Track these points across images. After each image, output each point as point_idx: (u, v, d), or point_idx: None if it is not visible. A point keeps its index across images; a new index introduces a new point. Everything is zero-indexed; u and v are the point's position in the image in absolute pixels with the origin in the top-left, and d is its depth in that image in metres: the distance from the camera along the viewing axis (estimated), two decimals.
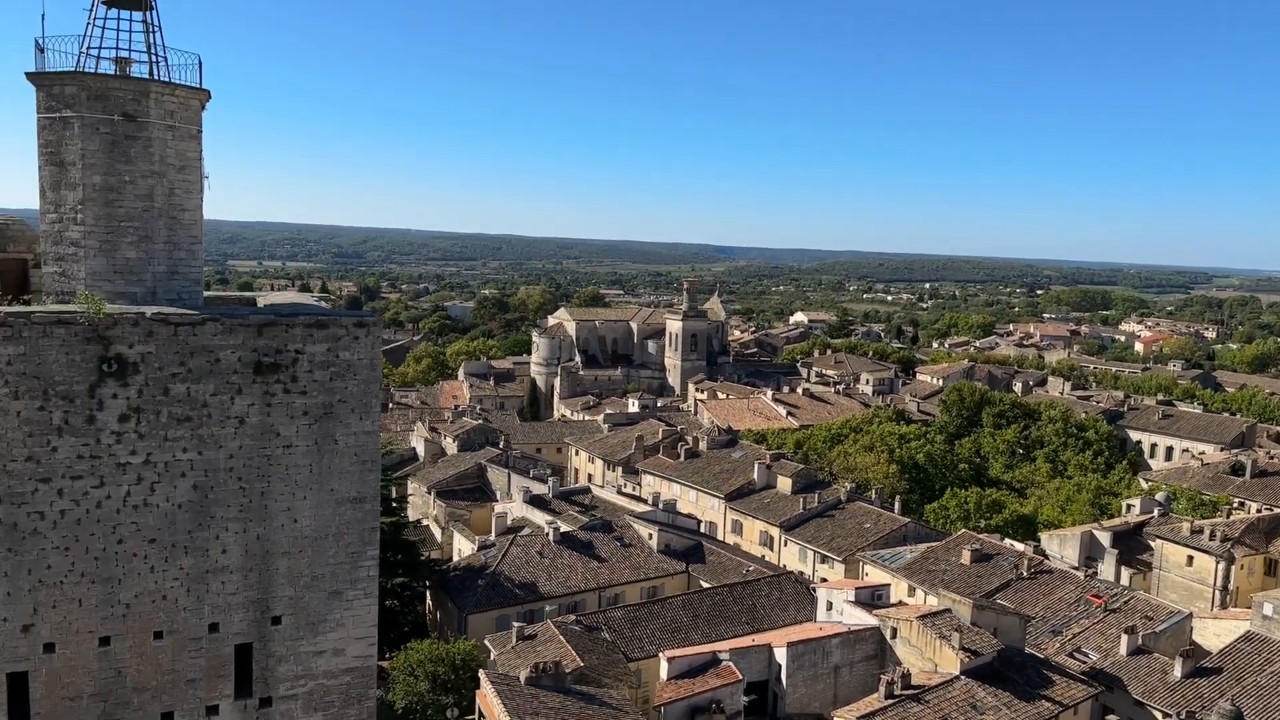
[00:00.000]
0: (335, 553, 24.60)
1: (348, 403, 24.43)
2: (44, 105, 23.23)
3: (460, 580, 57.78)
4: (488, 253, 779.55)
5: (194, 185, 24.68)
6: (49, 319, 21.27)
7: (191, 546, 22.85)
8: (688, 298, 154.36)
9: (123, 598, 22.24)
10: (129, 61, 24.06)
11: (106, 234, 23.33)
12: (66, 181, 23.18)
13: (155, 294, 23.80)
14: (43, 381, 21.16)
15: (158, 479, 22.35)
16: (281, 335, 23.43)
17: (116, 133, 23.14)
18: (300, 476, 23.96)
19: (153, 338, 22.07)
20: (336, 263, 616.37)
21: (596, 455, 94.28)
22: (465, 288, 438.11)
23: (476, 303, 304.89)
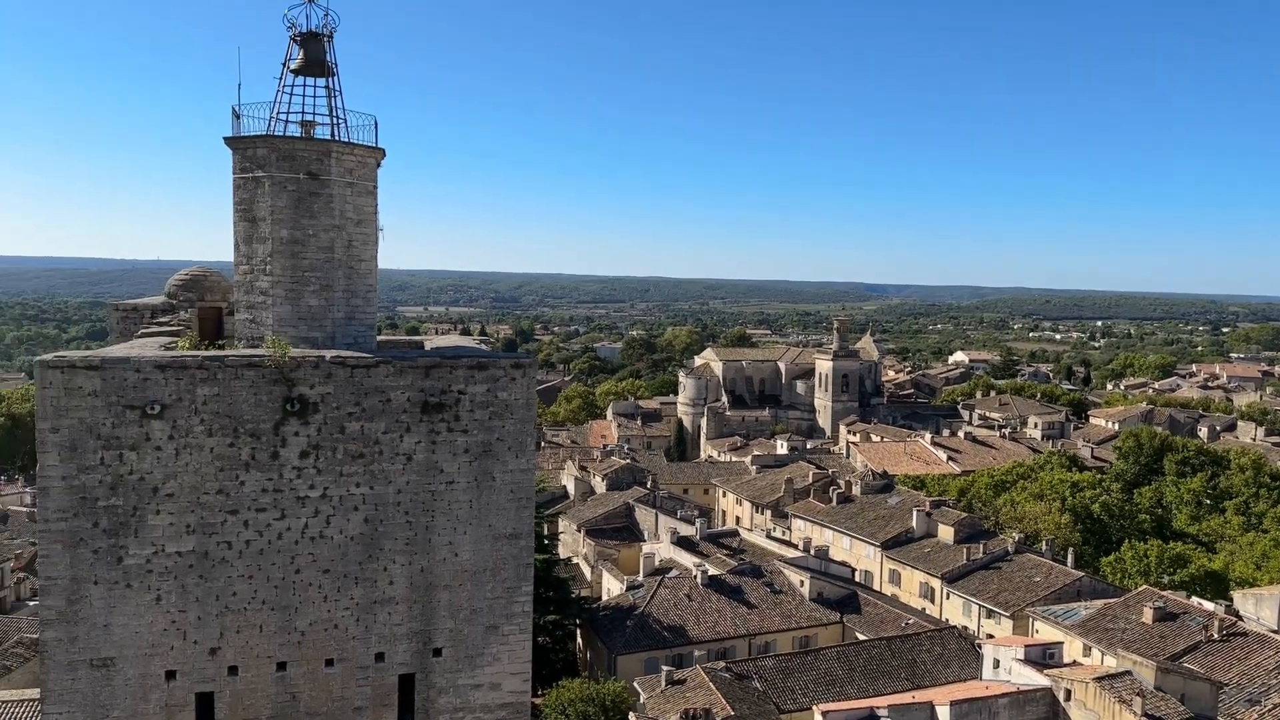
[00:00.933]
0: (492, 587, 25.25)
1: (505, 441, 25.21)
2: (239, 166, 25.43)
3: (610, 620, 58.06)
4: (635, 294, 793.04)
5: (370, 237, 26.33)
6: (240, 362, 23.06)
7: (362, 577, 24.01)
8: (838, 337, 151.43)
9: (299, 625, 23.57)
10: (313, 124, 26.04)
11: (292, 283, 25.14)
12: (257, 236, 25.19)
13: (334, 338, 25.41)
14: (234, 420, 22.89)
15: (333, 512, 23.67)
16: (446, 376, 24.50)
17: (302, 190, 25.02)
18: (461, 512, 24.82)
19: (331, 379, 23.54)
20: (495, 307, 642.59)
21: (744, 497, 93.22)
22: (614, 329, 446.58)
23: (625, 343, 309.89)
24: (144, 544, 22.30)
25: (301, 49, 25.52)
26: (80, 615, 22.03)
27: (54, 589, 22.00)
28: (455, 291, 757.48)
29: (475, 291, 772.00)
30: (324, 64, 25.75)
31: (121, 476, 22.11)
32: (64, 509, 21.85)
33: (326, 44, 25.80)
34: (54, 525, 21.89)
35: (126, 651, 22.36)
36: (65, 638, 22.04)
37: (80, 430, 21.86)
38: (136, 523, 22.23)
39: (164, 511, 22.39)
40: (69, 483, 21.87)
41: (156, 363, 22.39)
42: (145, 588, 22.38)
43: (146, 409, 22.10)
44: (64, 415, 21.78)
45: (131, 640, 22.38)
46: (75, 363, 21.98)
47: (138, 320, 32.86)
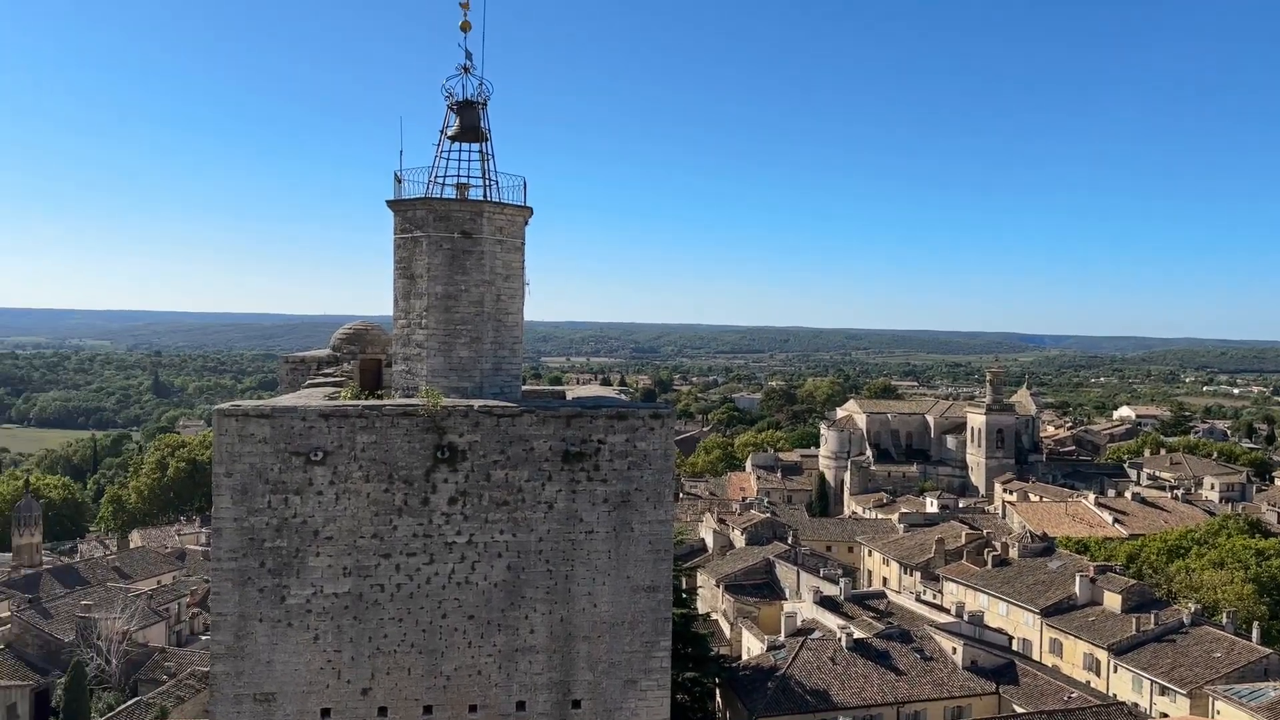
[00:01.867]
0: (630, 640, 25.13)
1: (643, 491, 25.27)
2: (399, 227, 26.97)
3: (750, 681, 56.63)
4: (775, 345, 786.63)
5: (517, 291, 27.30)
6: (396, 411, 24.18)
7: (504, 624, 24.41)
8: (991, 389, 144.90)
9: (444, 669, 24.13)
10: (467, 186, 27.40)
11: (445, 336, 26.30)
12: (415, 292, 26.54)
13: (482, 388, 26.32)
14: (389, 466, 23.95)
15: (478, 558, 24.27)
16: (586, 426, 24.89)
17: (456, 248, 26.26)
18: (600, 562, 24.94)
19: (479, 428, 24.33)
20: (634, 357, 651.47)
21: (891, 557, 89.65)
22: (753, 379, 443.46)
23: (764, 394, 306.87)
24: (305, 584, 23.48)
25: (458, 117, 27.00)
26: (246, 651, 23.32)
27: (224, 624, 23.42)
28: (596, 342, 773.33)
29: (615, 342, 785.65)
30: (478, 130, 27.14)
31: (286, 519, 23.44)
32: (235, 549, 23.32)
33: (481, 111, 27.21)
34: (225, 564, 23.38)
35: (286, 688, 23.46)
36: (232, 672, 23.34)
37: (251, 475, 23.37)
38: (298, 564, 23.46)
39: (323, 554, 23.55)
40: (239, 524, 23.36)
41: (321, 411, 23.76)
42: (305, 627, 23.50)
43: (311, 455, 23.44)
44: (237, 460, 23.35)
45: (291, 677, 23.48)
46: (248, 411, 23.60)
47: (305, 371, 35.09)
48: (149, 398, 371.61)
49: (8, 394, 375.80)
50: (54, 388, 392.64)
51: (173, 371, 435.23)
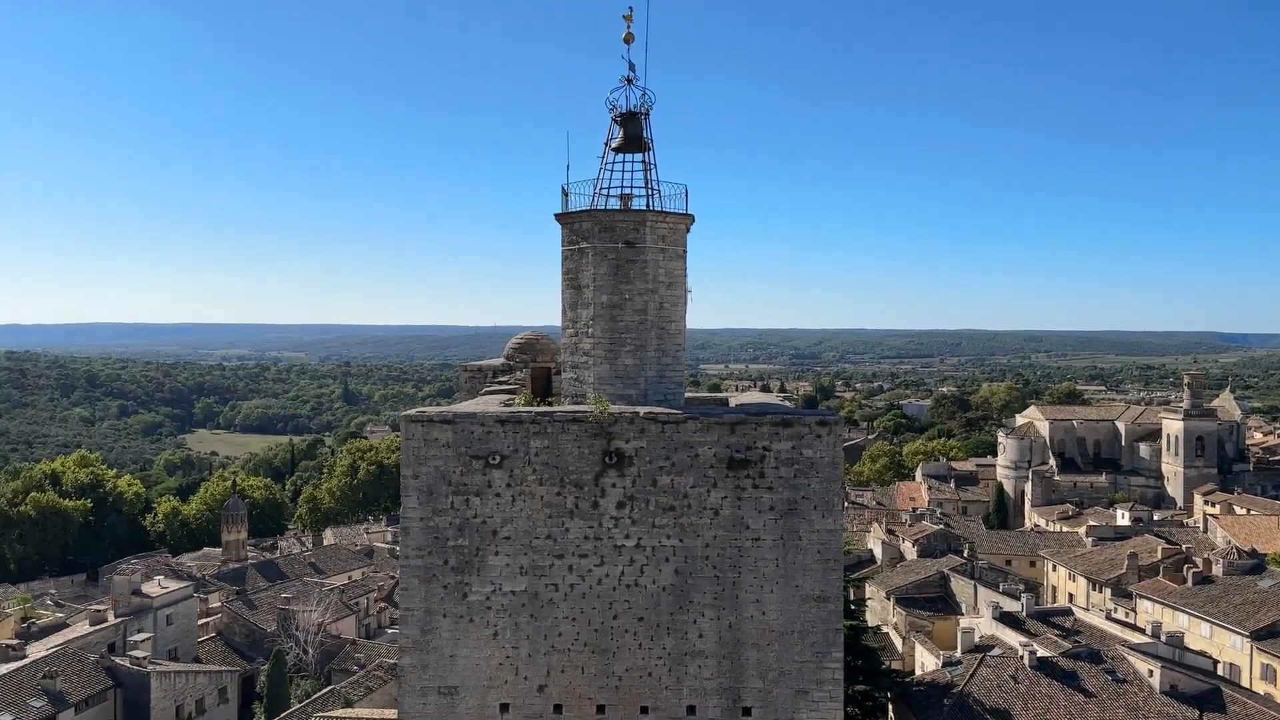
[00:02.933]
0: (801, 650, 24.82)
1: (811, 500, 24.93)
2: (566, 239, 27.85)
3: (924, 697, 54.58)
4: (945, 349, 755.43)
5: (680, 299, 27.60)
6: (566, 417, 24.97)
7: (673, 628, 24.68)
8: (1190, 393, 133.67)
9: (616, 670, 24.65)
10: (630, 196, 27.96)
11: (610, 344, 26.92)
12: (581, 302, 27.33)
13: (647, 395, 26.75)
14: (560, 470, 24.76)
15: (646, 562, 24.67)
16: (751, 433, 24.83)
17: (620, 258, 26.85)
18: (767, 570, 24.78)
19: (644, 434, 24.76)
20: (794, 363, 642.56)
21: (1078, 573, 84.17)
22: (921, 385, 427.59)
23: (934, 400, 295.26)
24: (485, 582, 24.61)
25: (621, 128, 27.63)
26: (431, 645, 24.66)
27: (411, 619, 24.86)
28: (755, 349, 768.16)
29: (774, 348, 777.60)
30: (641, 140, 27.66)
31: (467, 520, 24.66)
32: (421, 547, 24.73)
33: (644, 121, 27.73)
34: (412, 561, 24.82)
35: (468, 682, 24.64)
36: (419, 665, 24.73)
37: (435, 477, 24.74)
38: (479, 562, 24.62)
39: (502, 553, 24.61)
40: (425, 524, 24.76)
41: (498, 417, 24.87)
42: (485, 623, 24.62)
43: (489, 459, 24.56)
44: (423, 463, 24.77)
45: (473, 671, 24.64)
46: (432, 417, 25.00)
47: (482, 379, 36.76)
48: (339, 405, 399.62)
49: (216, 402, 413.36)
50: (256, 396, 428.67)
51: (360, 380, 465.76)
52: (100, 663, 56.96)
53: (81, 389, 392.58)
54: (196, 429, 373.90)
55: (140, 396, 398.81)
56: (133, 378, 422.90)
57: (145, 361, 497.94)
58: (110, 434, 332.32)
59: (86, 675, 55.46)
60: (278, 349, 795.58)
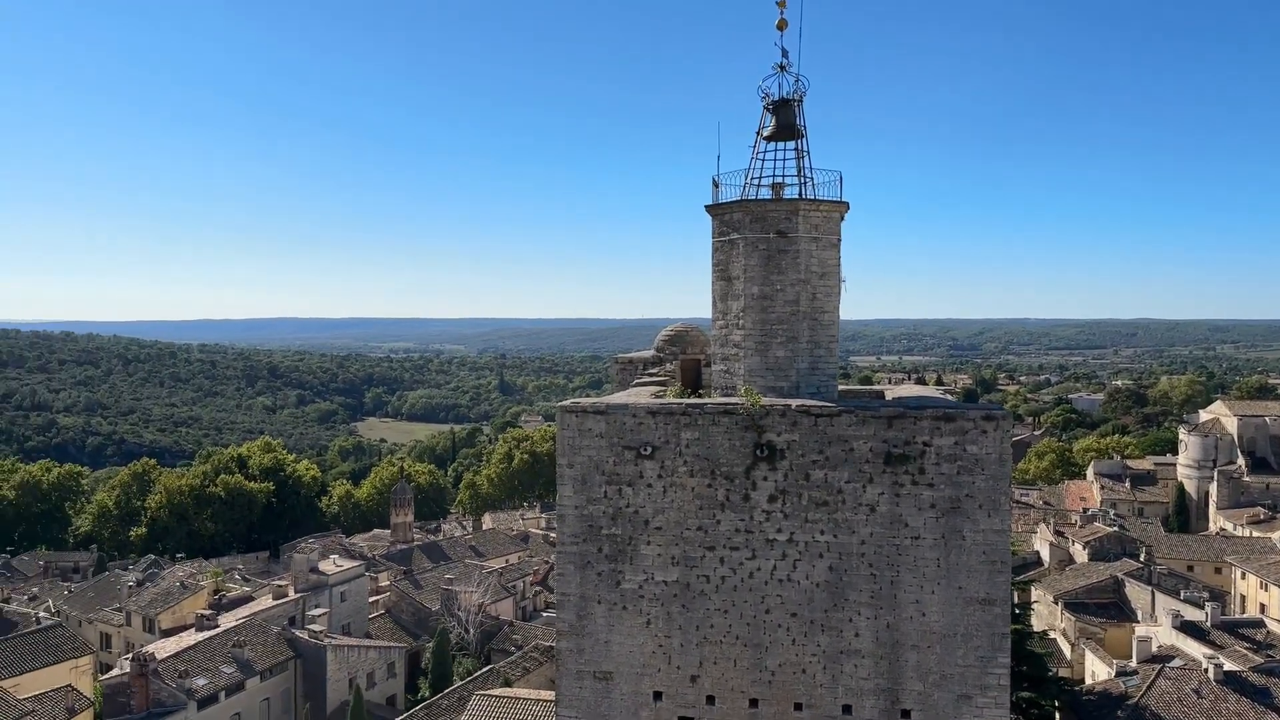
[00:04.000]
0: (964, 654, 23.80)
1: (975, 498, 23.82)
2: (717, 231, 27.66)
3: (1096, 708, 51.40)
4: (1119, 339, 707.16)
5: (833, 289, 26.92)
6: (717, 409, 24.84)
7: (828, 625, 24.18)
8: None
9: (769, 664, 24.39)
10: (782, 185, 27.47)
11: (761, 336, 26.58)
12: (731, 293, 27.10)
13: (799, 388, 26.27)
14: (711, 462, 24.67)
15: (799, 557, 24.26)
16: (910, 427, 23.93)
17: (771, 248, 26.44)
18: (928, 570, 23.87)
19: (797, 427, 24.31)
20: (952, 355, 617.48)
21: (1272, 581, 76.98)
22: (1093, 378, 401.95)
23: (1107, 395, 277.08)
24: (637, 571, 24.87)
25: (773, 116, 27.17)
26: (586, 630, 25.16)
27: (567, 604, 25.43)
28: (909, 340, 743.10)
29: (930, 340, 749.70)
30: (794, 127, 27.12)
31: (620, 509, 24.97)
32: (576, 534, 25.25)
33: (796, 108, 27.17)
34: (568, 548, 25.38)
35: (622, 668, 24.99)
36: (575, 649, 25.29)
37: (589, 466, 25.17)
38: (632, 551, 24.90)
39: (654, 543, 24.79)
40: (580, 512, 25.25)
41: (649, 409, 25.03)
42: (638, 611, 24.88)
43: (641, 450, 24.77)
44: (577, 453, 25.26)
45: (626, 658, 24.97)
46: (586, 408, 25.43)
47: (633, 371, 37.16)
48: (496, 395, 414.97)
49: (384, 392, 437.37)
50: (420, 387, 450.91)
51: (515, 372, 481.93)
52: (282, 634, 61.40)
53: (264, 379, 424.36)
54: (367, 417, 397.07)
55: (316, 386, 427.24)
56: (310, 369, 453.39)
57: (321, 354, 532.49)
58: (290, 421, 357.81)
59: (270, 645, 59.93)
60: (440, 342, 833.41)
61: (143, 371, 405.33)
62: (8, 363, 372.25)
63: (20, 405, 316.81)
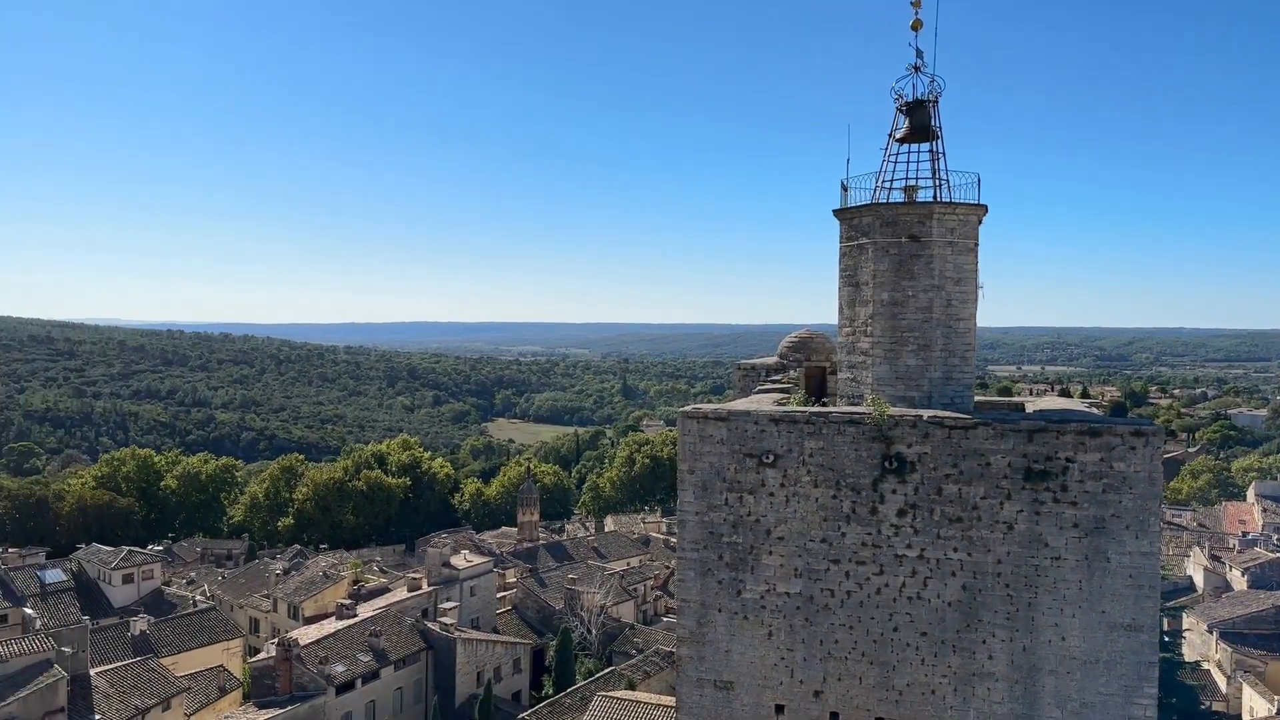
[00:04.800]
0: (1106, 682, 22.43)
1: (1121, 518, 22.42)
2: (845, 235, 27.05)
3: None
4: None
5: (969, 296, 25.88)
6: (842, 418, 24.26)
7: (959, 646, 23.23)
8: None
9: (896, 684, 23.62)
10: (915, 188, 26.62)
11: (891, 344, 25.81)
12: (859, 299, 26.44)
13: (931, 398, 25.37)
14: (836, 473, 24.11)
15: (930, 574, 23.40)
16: (1052, 442, 22.75)
17: (903, 253, 25.65)
18: (1069, 592, 22.62)
19: (928, 439, 23.47)
20: (1098, 366, 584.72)
21: None
22: (1255, 393, 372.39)
23: (1270, 411, 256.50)
24: (759, 581, 24.56)
25: (907, 117, 26.38)
26: (707, 638, 25.01)
27: (687, 610, 25.36)
28: (1052, 349, 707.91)
29: (1075, 349, 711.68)
30: (928, 129, 26.25)
31: (741, 517, 24.73)
32: (696, 541, 25.15)
33: (931, 109, 26.30)
34: (689, 554, 25.31)
35: (743, 678, 24.72)
36: (695, 656, 25.18)
37: (710, 473, 25.04)
38: (753, 560, 24.61)
39: (775, 553, 24.42)
40: (700, 518, 25.14)
41: (771, 416, 24.69)
42: (759, 622, 24.56)
43: (762, 458, 24.46)
44: (698, 459, 25.17)
45: (747, 669, 24.68)
46: (708, 414, 25.31)
47: (755, 378, 36.77)
48: (619, 399, 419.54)
49: (513, 394, 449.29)
50: (546, 389, 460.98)
51: (638, 376, 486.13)
52: (415, 626, 63.80)
53: (403, 380, 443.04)
54: (496, 418, 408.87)
55: (450, 387, 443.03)
56: (444, 371, 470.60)
57: (455, 356, 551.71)
58: (426, 420, 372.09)
59: (404, 636, 62.36)
60: (566, 345, 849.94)
61: (293, 371, 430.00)
62: (173, 361, 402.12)
63: (183, 401, 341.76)
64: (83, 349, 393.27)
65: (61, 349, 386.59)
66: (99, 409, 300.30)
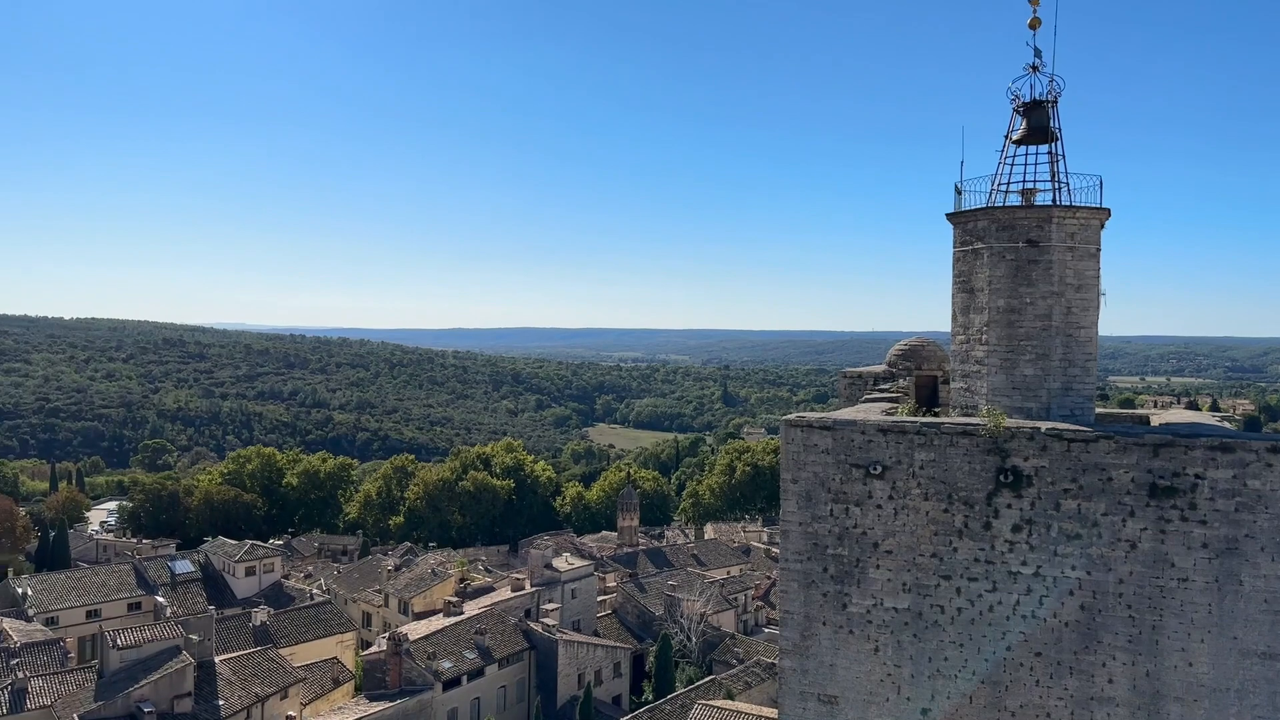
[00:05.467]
0: (1238, 712, 21.18)
1: (1256, 539, 21.14)
2: (959, 240, 26.35)
3: None
4: None
5: (1090, 303, 24.85)
6: (955, 429, 23.60)
7: (1077, 668, 22.28)
8: None
9: (1009, 705, 22.82)
10: (1034, 191, 25.73)
11: (1007, 353, 24.99)
12: (974, 306, 25.70)
13: (1049, 409, 24.44)
14: (947, 486, 23.47)
15: (1046, 593, 22.53)
16: (1180, 457, 21.62)
17: (1020, 258, 24.82)
18: (1197, 616, 21.43)
19: (1046, 452, 22.61)
20: (1230, 378, 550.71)
21: None
22: None
23: None
24: (865, 595, 24.10)
25: (1024, 119, 25.56)
26: (810, 651, 24.68)
27: (790, 622, 25.08)
28: (1178, 360, 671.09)
29: (1204, 360, 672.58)
30: (1047, 130, 25.36)
31: (847, 529, 24.32)
32: (800, 552, 24.86)
33: (1050, 110, 25.40)
34: (792, 565, 25.04)
35: (848, 693, 24.29)
36: (798, 669, 24.88)
37: (814, 483, 24.72)
38: (859, 574, 24.17)
39: (883, 567, 23.92)
40: (804, 529, 24.85)
41: (879, 426, 24.22)
42: (865, 636, 24.10)
43: (870, 469, 24.02)
44: (802, 468, 24.89)
45: (853, 684, 24.25)
46: (812, 423, 25.01)
47: (862, 386, 36.12)
48: (719, 406, 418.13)
49: (613, 399, 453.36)
50: (646, 395, 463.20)
51: (739, 383, 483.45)
52: (518, 626, 65.03)
53: (508, 384, 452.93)
54: (597, 423, 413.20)
55: (553, 392, 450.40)
56: (547, 376, 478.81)
57: (558, 362, 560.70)
58: (529, 424, 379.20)
59: (508, 635, 63.63)
60: (666, 352, 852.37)
61: (405, 375, 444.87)
62: (294, 364, 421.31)
63: (304, 402, 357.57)
64: (212, 352, 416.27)
65: (192, 352, 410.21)
66: (226, 409, 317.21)
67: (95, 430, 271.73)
